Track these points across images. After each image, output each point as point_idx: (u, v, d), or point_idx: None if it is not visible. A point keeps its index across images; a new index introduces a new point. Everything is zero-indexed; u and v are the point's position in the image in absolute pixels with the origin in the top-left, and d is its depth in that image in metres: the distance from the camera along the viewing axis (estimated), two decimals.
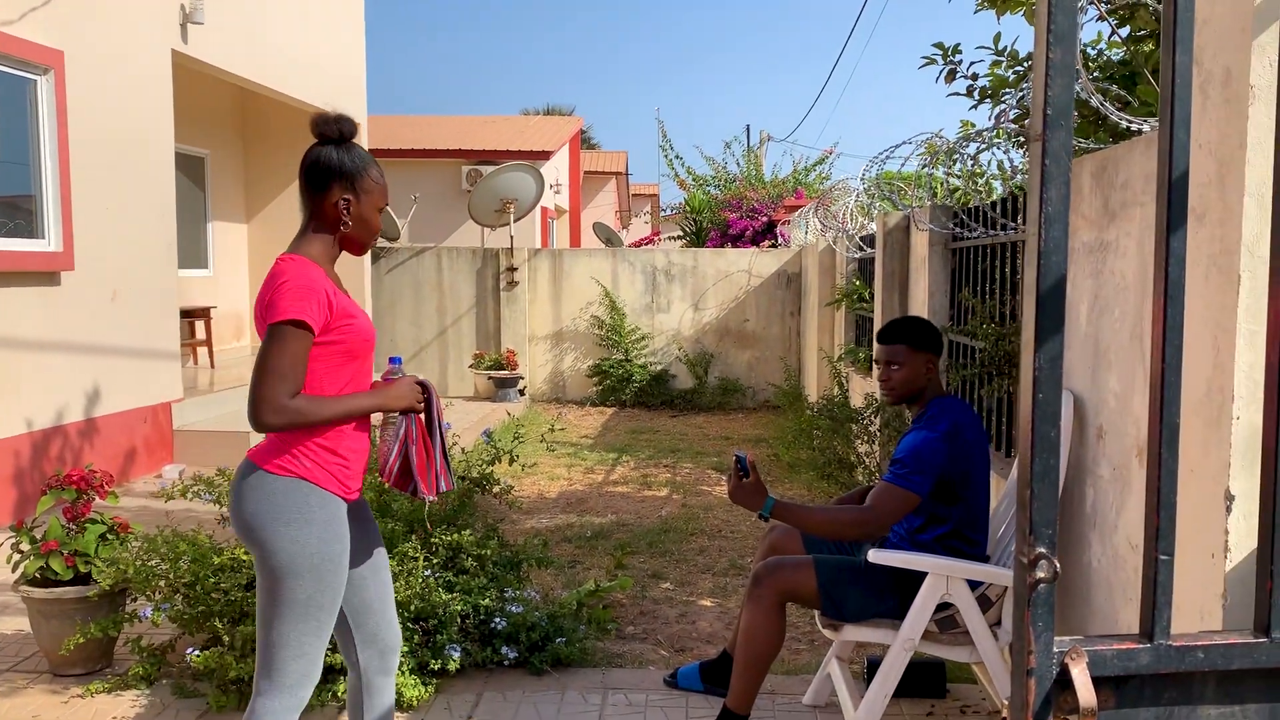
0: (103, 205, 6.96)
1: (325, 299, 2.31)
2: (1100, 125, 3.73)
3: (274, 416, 2.24)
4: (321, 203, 2.40)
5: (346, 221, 2.41)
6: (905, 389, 3.33)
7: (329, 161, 2.39)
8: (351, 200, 2.40)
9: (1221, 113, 2.01)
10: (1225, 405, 1.98)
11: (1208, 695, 1.30)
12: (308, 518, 2.31)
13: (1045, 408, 1.20)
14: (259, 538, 2.31)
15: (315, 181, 2.40)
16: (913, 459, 3.10)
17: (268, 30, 9.36)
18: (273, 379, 2.23)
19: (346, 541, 2.39)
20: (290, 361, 2.24)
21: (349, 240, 2.45)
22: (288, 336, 2.25)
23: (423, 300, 12.18)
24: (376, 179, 2.45)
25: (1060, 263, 1.19)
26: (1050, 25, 1.18)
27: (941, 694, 3.67)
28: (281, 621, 2.32)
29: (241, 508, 2.34)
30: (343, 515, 2.39)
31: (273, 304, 2.27)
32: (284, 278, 2.28)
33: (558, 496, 7.12)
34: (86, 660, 3.78)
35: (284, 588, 2.30)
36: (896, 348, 3.33)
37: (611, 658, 4.05)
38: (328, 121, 2.42)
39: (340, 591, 2.39)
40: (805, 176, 16.83)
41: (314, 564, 2.30)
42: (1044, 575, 1.21)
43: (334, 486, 2.36)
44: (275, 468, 2.32)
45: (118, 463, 7.08)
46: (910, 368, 3.30)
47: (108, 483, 3.89)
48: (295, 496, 2.31)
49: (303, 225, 2.44)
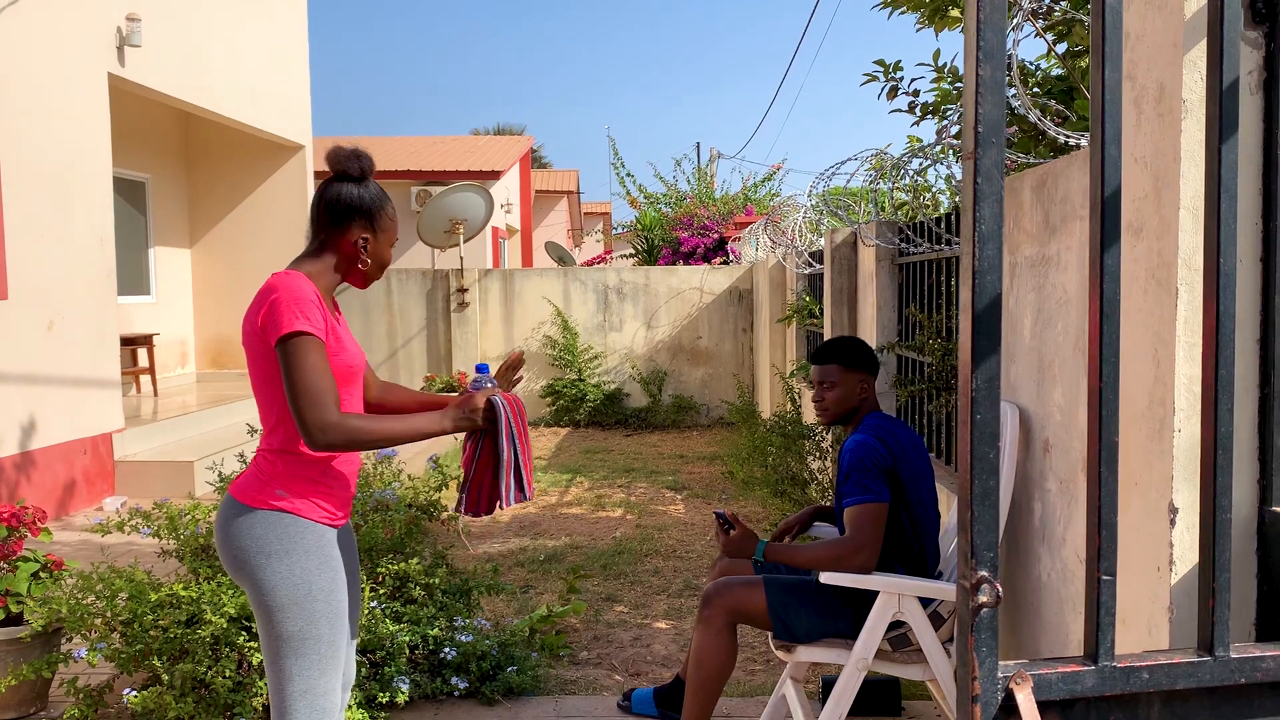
0: (38, 232, 6.79)
1: (321, 310, 2.25)
2: (1040, 140, 3.76)
3: (324, 435, 2.16)
4: (339, 239, 2.35)
5: (365, 260, 2.38)
6: (839, 408, 3.33)
7: (350, 200, 2.35)
8: (370, 239, 2.37)
9: (1156, 127, 2.02)
10: (1166, 418, 1.98)
11: (1154, 715, 1.28)
12: (291, 549, 2.25)
13: (983, 428, 1.17)
14: (246, 573, 2.26)
15: (335, 219, 2.35)
16: (857, 470, 3.08)
17: (208, 52, 9.22)
18: (306, 401, 2.16)
19: (337, 569, 2.33)
20: (314, 375, 2.17)
21: (360, 276, 2.42)
22: (301, 350, 2.17)
23: (373, 323, 12.05)
24: (391, 215, 2.43)
25: (995, 281, 1.17)
26: (979, 43, 1.16)
27: (897, 712, 3.66)
28: (281, 658, 2.27)
29: (227, 545, 2.28)
30: (330, 541, 2.33)
31: (272, 324, 2.19)
32: (275, 293, 2.21)
33: (510, 520, 7.04)
34: (20, 703, 3.64)
35: (276, 622, 2.25)
36: (829, 368, 3.33)
37: (565, 684, 3.99)
38: (348, 158, 2.37)
39: (337, 622, 2.31)
40: (755, 193, 16.93)
41: (301, 596, 2.25)
42: (986, 599, 1.19)
43: (318, 515, 2.30)
44: (256, 502, 2.27)
45: (56, 496, 6.89)
46: (844, 387, 3.31)
47: (40, 519, 3.77)
48: (279, 529, 2.25)
49: (310, 251, 2.37)
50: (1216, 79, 1.27)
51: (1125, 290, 2.14)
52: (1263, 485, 1.91)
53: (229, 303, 11.12)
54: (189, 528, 3.78)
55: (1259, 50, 1.91)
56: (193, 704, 3.31)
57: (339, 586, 2.32)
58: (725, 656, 3.17)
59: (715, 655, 3.15)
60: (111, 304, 7.68)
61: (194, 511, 3.87)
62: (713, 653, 3.15)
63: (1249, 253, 1.92)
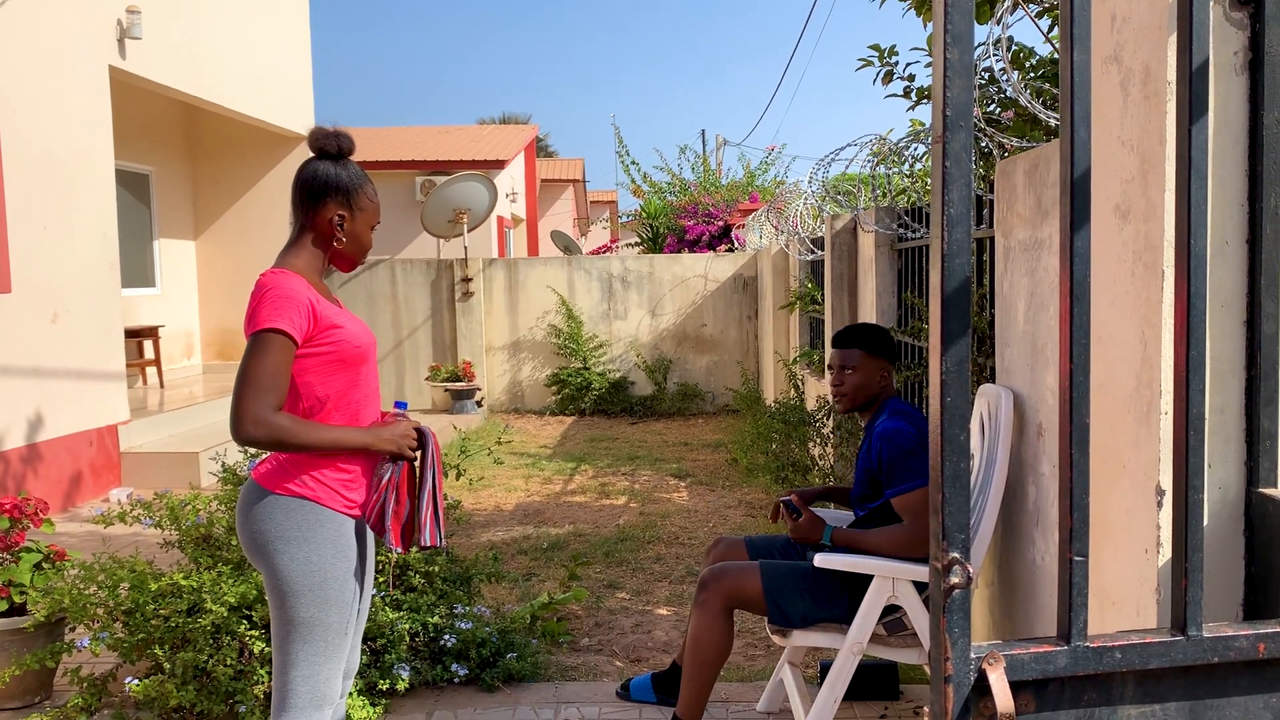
0: (41, 225, 6.82)
1: (308, 308, 2.28)
2: (1036, 124, 3.76)
3: (253, 429, 2.21)
4: (315, 217, 2.39)
5: (340, 238, 2.40)
6: (859, 395, 3.30)
7: (325, 176, 2.38)
8: (346, 217, 2.39)
9: (1142, 110, 2.02)
10: (1154, 401, 1.98)
11: (1127, 695, 1.29)
12: (310, 536, 2.29)
13: (954, 411, 1.18)
14: (264, 557, 2.30)
15: (310, 195, 2.38)
16: (903, 457, 3.03)
17: (210, 44, 9.23)
18: (251, 390, 2.21)
19: (353, 559, 2.36)
20: (270, 371, 2.22)
21: (339, 256, 2.44)
22: (267, 345, 2.22)
23: (378, 313, 12.07)
24: (371, 197, 2.45)
25: (964, 265, 1.18)
26: (947, 26, 1.16)
27: (895, 696, 3.67)
28: (289, 641, 2.31)
29: (247, 528, 2.33)
30: (349, 531, 2.36)
31: (253, 315, 2.26)
32: (266, 289, 2.27)
33: (515, 508, 7.07)
34: (24, 693, 3.68)
35: (289, 607, 2.29)
36: (851, 351, 3.29)
37: (565, 671, 4.01)
38: (326, 136, 2.41)
39: (347, 611, 2.35)
40: (759, 179, 16.89)
41: (316, 582, 2.28)
42: (958, 581, 1.19)
43: (338, 504, 2.33)
44: (279, 488, 2.30)
45: (63, 488, 6.93)
46: (865, 373, 3.27)
47: (42, 510, 3.79)
48: (298, 516, 2.29)
49: (292, 238, 2.42)
50: (1186, 60, 1.27)
51: (1113, 273, 2.14)
52: (1250, 467, 1.91)
53: (234, 294, 11.15)
54: (189, 518, 3.81)
55: (1244, 31, 1.90)
56: (194, 692, 3.34)
57: (352, 576, 2.36)
58: (721, 640, 3.19)
59: (712, 639, 3.17)
60: (116, 296, 7.71)
61: (195, 502, 3.90)
62: (709, 637, 3.17)
63: (1235, 235, 1.92)
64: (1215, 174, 1.88)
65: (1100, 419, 2.16)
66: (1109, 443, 2.14)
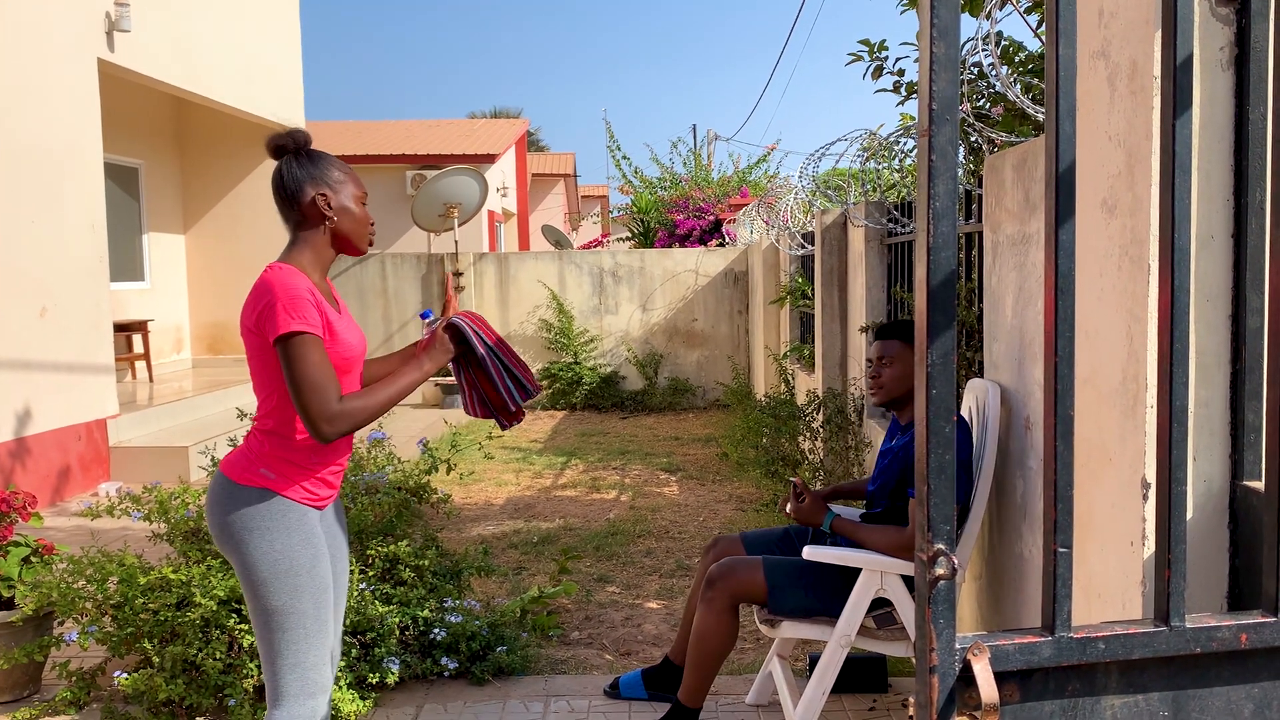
0: (28, 219, 6.79)
1: (315, 304, 2.31)
2: (1025, 119, 3.76)
3: (328, 426, 2.25)
4: (300, 207, 2.42)
5: (330, 216, 2.42)
6: (896, 388, 3.26)
7: (293, 168, 2.44)
8: (328, 194, 2.42)
9: (1129, 104, 2.03)
10: (1140, 394, 1.99)
11: (1111, 686, 1.30)
12: (273, 525, 2.32)
13: (939, 403, 1.19)
14: (232, 547, 2.34)
15: (288, 190, 2.43)
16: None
17: (199, 37, 9.19)
18: (309, 394, 2.24)
19: (318, 547, 2.39)
20: (316, 369, 2.25)
21: (341, 239, 2.46)
22: (301, 347, 2.25)
23: (368, 307, 12.05)
24: (344, 170, 2.49)
25: (950, 258, 1.18)
26: (933, 19, 1.17)
27: (884, 688, 3.69)
28: (268, 631, 2.34)
29: (214, 518, 2.37)
30: (312, 521, 2.39)
31: (269, 322, 2.26)
32: (271, 289, 2.28)
33: (505, 503, 7.07)
34: (13, 687, 3.67)
35: (261, 596, 2.33)
36: (892, 343, 3.27)
37: (555, 664, 4.02)
38: (281, 136, 2.48)
39: (321, 598, 2.38)
40: (749, 175, 16.90)
41: (283, 570, 2.31)
42: (943, 572, 1.20)
43: (300, 496, 2.37)
44: (243, 479, 2.34)
45: (51, 482, 6.91)
46: (902, 365, 3.24)
47: (30, 504, 3.78)
48: (262, 506, 2.33)
49: (290, 240, 2.46)
50: (1171, 54, 1.27)
51: (1099, 267, 2.15)
52: (1235, 460, 1.92)
53: (224, 288, 11.12)
54: (179, 511, 3.80)
55: (1230, 26, 1.91)
56: (183, 685, 3.34)
57: (321, 562, 2.38)
58: (727, 635, 3.22)
59: (718, 634, 3.21)
60: (104, 290, 7.68)
61: (184, 495, 3.89)
62: (715, 632, 3.20)
63: (1221, 229, 1.93)
64: (1201, 169, 1.89)
65: (1086, 413, 2.18)
66: (1095, 436, 2.16)
